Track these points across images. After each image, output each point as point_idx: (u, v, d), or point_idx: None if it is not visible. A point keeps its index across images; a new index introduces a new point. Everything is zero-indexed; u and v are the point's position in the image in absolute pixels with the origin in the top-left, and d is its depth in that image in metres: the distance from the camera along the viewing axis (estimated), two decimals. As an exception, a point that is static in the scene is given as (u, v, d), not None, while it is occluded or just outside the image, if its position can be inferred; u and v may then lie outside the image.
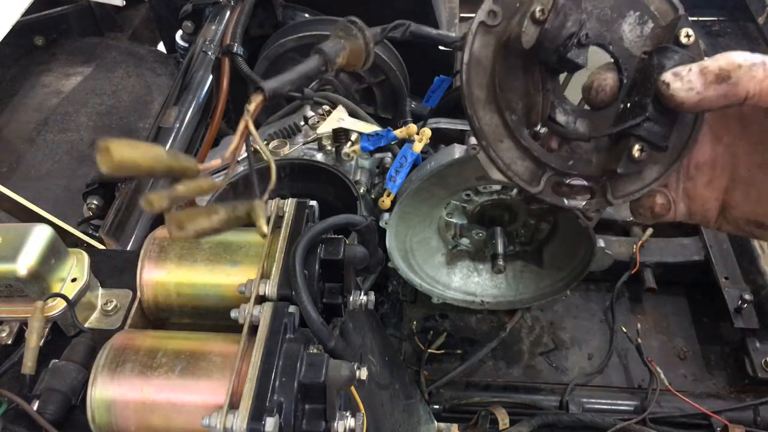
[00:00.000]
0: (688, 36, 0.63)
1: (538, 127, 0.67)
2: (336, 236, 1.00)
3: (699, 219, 0.71)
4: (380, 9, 2.16)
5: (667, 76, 0.60)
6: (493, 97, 0.67)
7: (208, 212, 0.78)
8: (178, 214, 0.76)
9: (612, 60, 0.66)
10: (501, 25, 0.66)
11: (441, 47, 0.96)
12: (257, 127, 1.97)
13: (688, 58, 0.62)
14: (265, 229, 0.74)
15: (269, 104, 0.81)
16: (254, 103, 0.79)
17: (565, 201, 0.70)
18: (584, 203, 0.70)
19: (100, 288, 1.05)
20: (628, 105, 0.65)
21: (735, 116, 0.65)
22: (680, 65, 0.61)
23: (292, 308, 0.88)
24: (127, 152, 0.69)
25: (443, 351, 1.93)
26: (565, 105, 0.67)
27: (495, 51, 0.67)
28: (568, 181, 0.69)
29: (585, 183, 0.69)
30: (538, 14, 0.61)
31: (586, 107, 0.68)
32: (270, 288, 0.90)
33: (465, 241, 1.74)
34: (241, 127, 0.77)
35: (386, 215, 1.58)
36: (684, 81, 0.59)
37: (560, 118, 0.67)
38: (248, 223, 0.76)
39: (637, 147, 0.64)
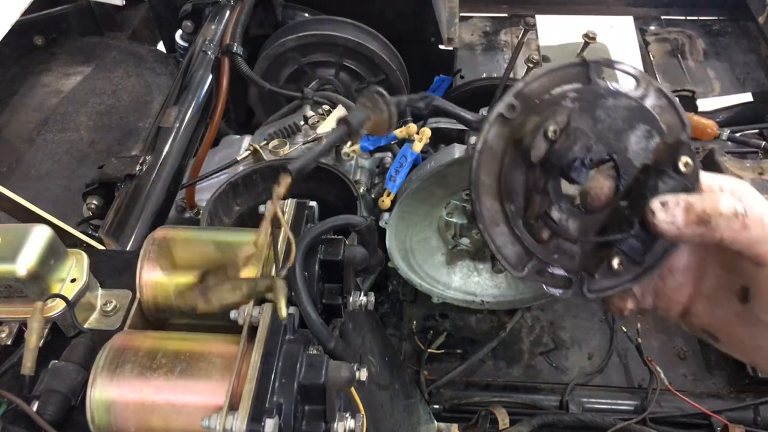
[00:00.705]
0: (686, 165, 0.65)
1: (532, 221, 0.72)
2: (336, 237, 1.00)
3: (662, 314, 0.76)
4: (380, 9, 2.17)
5: (655, 205, 0.64)
6: (497, 186, 0.72)
7: (233, 288, 0.89)
8: (206, 289, 0.89)
9: (611, 165, 0.70)
10: (518, 120, 0.70)
11: (460, 120, 1.03)
12: (257, 127, 1.97)
13: (682, 187, 0.65)
14: (284, 312, 0.83)
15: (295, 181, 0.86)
16: (283, 186, 0.87)
17: (544, 288, 0.75)
18: (561, 292, 0.74)
19: (100, 288, 1.05)
20: (618, 213, 0.70)
21: None
22: (672, 193, 0.65)
23: (291, 309, 0.87)
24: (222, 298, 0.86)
25: (443, 351, 1.93)
26: (562, 203, 0.71)
27: (506, 144, 0.71)
28: (550, 270, 0.74)
29: (565, 274, 0.74)
30: (550, 133, 0.66)
31: (580, 208, 0.73)
32: (270, 289, 0.90)
33: (465, 240, 1.74)
34: (270, 212, 0.87)
35: (386, 215, 1.58)
36: (668, 214, 0.63)
37: (555, 215, 0.71)
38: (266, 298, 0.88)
39: (617, 260, 0.69)
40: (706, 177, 0.66)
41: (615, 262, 0.69)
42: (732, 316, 0.69)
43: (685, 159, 0.66)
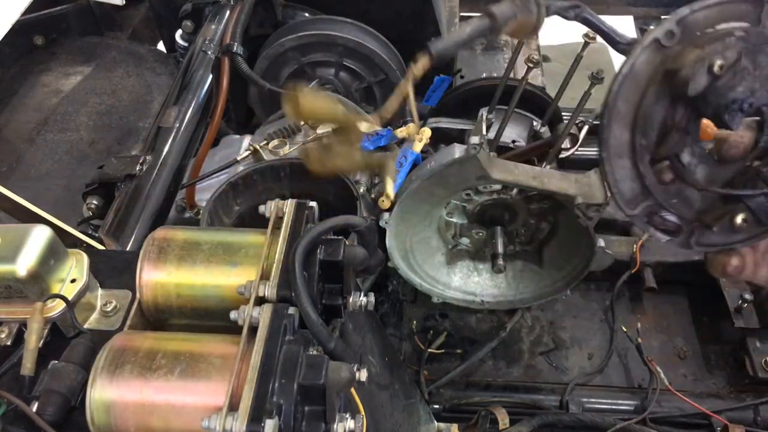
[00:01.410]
0: None
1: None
2: (336, 237, 1.00)
3: None
4: (380, 9, 2.16)
5: None
6: (632, 117, 0.67)
7: (347, 154, 0.91)
8: (320, 155, 0.90)
9: (758, 118, 0.65)
10: (674, 49, 0.65)
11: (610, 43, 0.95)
12: (257, 127, 1.97)
13: None
14: (390, 191, 0.83)
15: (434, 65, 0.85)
16: (420, 64, 0.86)
17: (651, 230, 0.71)
18: (668, 238, 0.72)
19: (100, 289, 1.05)
20: (752, 170, 0.65)
21: None
22: None
23: (291, 309, 0.88)
24: (310, 103, 0.83)
25: (443, 351, 1.93)
26: (695, 147, 0.67)
27: (654, 72, 0.65)
28: (663, 215, 0.71)
29: (677, 221, 0.70)
30: (716, 68, 0.61)
31: (713, 156, 0.67)
32: (269, 289, 0.90)
33: (465, 240, 1.74)
34: (401, 87, 0.89)
35: (386, 215, 1.58)
36: None
37: (685, 158, 0.67)
38: (376, 172, 0.88)
39: (741, 216, 0.65)
40: None
41: (739, 218, 0.65)
42: None
43: None
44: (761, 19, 0.63)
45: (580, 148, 1.77)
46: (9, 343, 0.97)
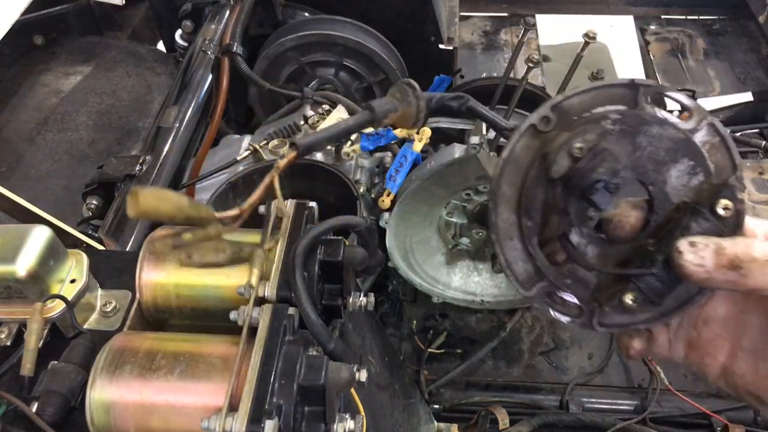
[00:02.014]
0: (725, 208, 0.61)
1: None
2: (335, 237, 1.00)
3: (696, 369, 0.70)
4: (380, 8, 2.16)
5: (683, 244, 0.59)
6: (517, 199, 0.69)
7: (216, 248, 0.86)
8: (190, 247, 0.84)
9: (644, 198, 0.65)
10: (551, 134, 0.66)
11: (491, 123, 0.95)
12: (257, 127, 1.97)
13: (717, 231, 0.60)
14: (255, 280, 0.85)
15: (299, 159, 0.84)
16: (287, 159, 0.84)
17: (551, 312, 0.70)
18: (569, 320, 0.70)
19: (99, 289, 1.05)
20: (643, 248, 0.65)
21: None
22: (703, 236, 0.60)
23: (291, 310, 0.87)
24: (152, 202, 0.75)
25: (443, 351, 1.93)
26: (583, 228, 0.67)
27: (534, 157, 0.67)
28: (560, 295, 0.70)
29: (576, 302, 0.70)
30: (575, 151, 0.62)
31: (602, 236, 0.68)
32: (269, 290, 0.90)
33: (465, 240, 1.74)
34: (266, 180, 0.83)
35: (386, 215, 1.58)
36: (696, 255, 0.58)
37: (574, 238, 0.67)
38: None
39: (630, 296, 0.64)
40: (751, 222, 0.61)
41: (628, 298, 0.65)
42: None
43: (724, 202, 0.61)
44: (638, 102, 0.64)
45: (580, 148, 1.77)
46: (8, 343, 0.97)
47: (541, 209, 0.68)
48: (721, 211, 0.61)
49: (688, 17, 3.04)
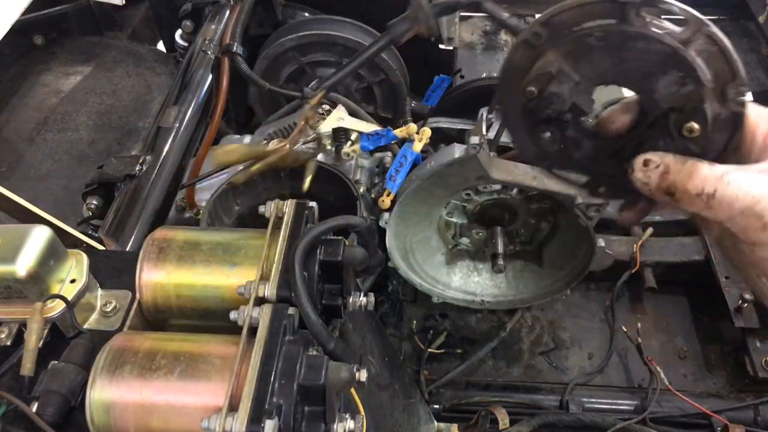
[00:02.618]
0: (690, 130, 0.65)
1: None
2: (335, 237, 1.00)
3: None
4: (380, 8, 2.16)
5: (637, 162, 0.66)
6: (519, 90, 0.75)
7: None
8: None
9: (637, 101, 0.71)
10: (543, 46, 0.71)
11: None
12: (257, 127, 1.97)
13: (683, 149, 0.66)
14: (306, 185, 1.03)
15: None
16: (317, 97, 1.15)
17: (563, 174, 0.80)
18: (578, 189, 0.79)
19: (100, 289, 1.05)
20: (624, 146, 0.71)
21: None
22: (664, 152, 0.66)
23: (291, 310, 0.88)
24: (223, 156, 1.14)
25: (443, 351, 1.93)
26: (578, 126, 0.75)
27: (531, 63, 0.73)
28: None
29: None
30: (528, 93, 0.72)
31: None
32: (269, 289, 0.90)
33: (465, 240, 1.74)
34: (301, 122, 1.17)
35: (386, 215, 1.58)
36: (645, 175, 0.65)
37: (570, 133, 0.75)
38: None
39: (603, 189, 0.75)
40: (755, 111, 0.65)
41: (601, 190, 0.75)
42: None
43: (690, 125, 0.65)
44: (626, 15, 0.67)
45: (580, 148, 1.77)
46: (9, 343, 0.97)
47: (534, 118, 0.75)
48: (686, 132, 0.65)
49: (688, 17, 3.03)
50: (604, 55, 0.68)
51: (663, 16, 0.67)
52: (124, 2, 2.96)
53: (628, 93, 0.72)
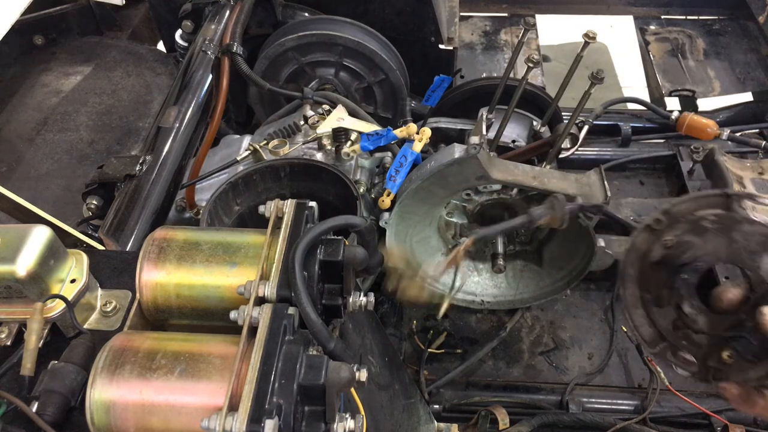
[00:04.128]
0: None
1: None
2: (335, 237, 1.00)
3: None
4: (380, 8, 2.17)
5: (765, 308, 0.77)
6: (638, 278, 0.92)
7: (419, 288, 1.34)
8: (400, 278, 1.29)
9: (746, 279, 0.84)
10: (663, 231, 0.88)
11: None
12: (257, 126, 1.97)
13: None
14: (441, 313, 1.18)
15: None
16: (468, 243, 1.24)
17: (673, 367, 0.93)
18: (688, 374, 0.91)
19: (100, 289, 1.05)
20: (741, 317, 0.83)
21: None
22: None
23: (291, 309, 0.87)
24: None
25: (443, 350, 1.93)
26: (693, 301, 0.89)
27: (650, 246, 0.90)
28: (680, 353, 0.91)
29: (692, 359, 0.90)
30: (667, 242, 0.87)
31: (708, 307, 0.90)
32: (269, 289, 0.90)
33: (464, 240, 1.74)
34: (451, 256, 1.25)
35: (386, 215, 1.58)
36: None
37: (686, 309, 0.88)
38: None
39: (727, 353, 0.84)
40: None
41: (725, 354, 0.83)
42: None
43: None
44: (731, 207, 0.84)
45: (580, 148, 1.77)
46: (9, 343, 0.97)
47: (656, 286, 0.90)
48: None
49: (688, 17, 3.04)
50: (716, 236, 0.83)
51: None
52: (124, 2, 2.96)
53: (628, 93, 0.77)
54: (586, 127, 1.77)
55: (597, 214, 1.29)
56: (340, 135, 1.69)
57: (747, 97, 2.54)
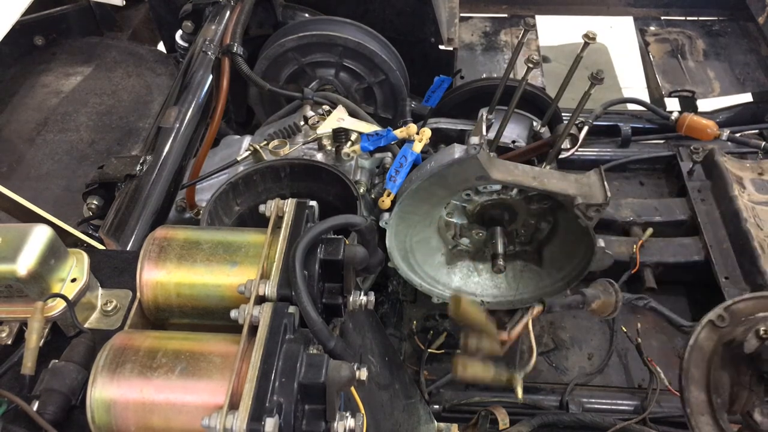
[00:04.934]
0: None
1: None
2: (336, 236, 1.00)
3: None
4: (380, 9, 2.17)
5: None
6: (705, 381, 0.89)
7: (484, 368, 1.23)
8: (464, 360, 1.23)
9: None
10: (726, 329, 0.87)
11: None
12: (257, 127, 1.97)
13: None
14: (520, 395, 1.17)
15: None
16: (536, 310, 1.27)
17: None
18: None
19: (100, 288, 1.05)
20: None
21: None
22: None
23: (291, 308, 0.88)
24: (467, 309, 1.20)
25: (443, 351, 1.93)
26: (765, 408, 0.85)
27: (715, 345, 0.88)
28: None
29: None
30: (762, 332, 0.82)
31: None
32: (270, 288, 0.90)
33: (465, 240, 1.74)
34: (524, 321, 1.26)
35: (386, 215, 1.58)
36: None
37: (757, 417, 0.84)
38: (505, 387, 1.28)
39: None
40: None
41: None
42: None
43: None
44: None
45: (580, 149, 1.77)
46: (9, 342, 0.97)
47: (728, 389, 0.87)
48: None
49: (688, 18, 3.04)
50: None
51: None
52: (124, 3, 2.96)
53: (627, 94, 0.75)
54: (585, 128, 1.77)
55: (644, 306, 1.32)
56: (340, 135, 1.69)
57: (747, 97, 2.54)
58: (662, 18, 3.05)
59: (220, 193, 1.52)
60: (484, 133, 1.63)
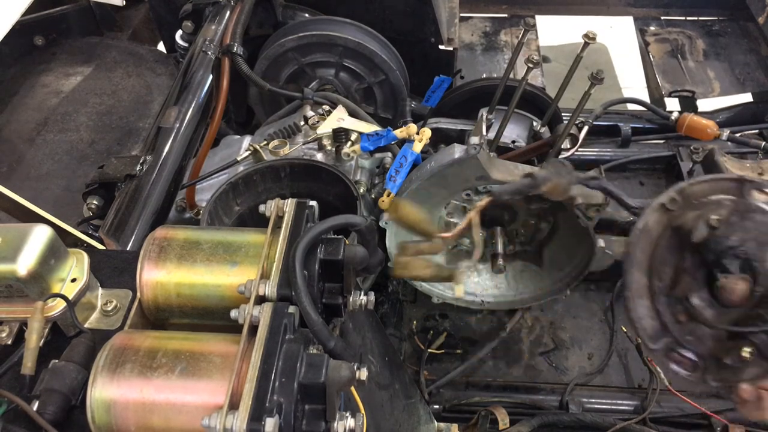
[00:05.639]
0: None
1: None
2: (336, 236, 1.00)
3: None
4: (380, 9, 2.17)
5: None
6: (648, 264, 0.86)
7: (423, 265, 1.17)
8: (405, 260, 1.17)
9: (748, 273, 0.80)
10: (676, 212, 0.84)
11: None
12: (257, 127, 1.97)
13: None
14: (460, 292, 1.11)
15: None
16: (483, 202, 1.16)
17: (672, 366, 0.87)
18: (687, 374, 0.87)
19: (100, 288, 1.05)
20: (753, 312, 0.80)
21: None
22: None
23: (291, 308, 0.88)
24: (408, 209, 1.14)
25: (443, 351, 1.93)
26: (702, 294, 0.84)
27: (664, 229, 0.85)
28: (681, 351, 0.86)
29: (694, 358, 0.86)
30: (713, 221, 0.80)
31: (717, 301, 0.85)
32: (270, 288, 0.90)
33: (465, 241, 1.74)
34: (469, 216, 1.16)
35: (386, 215, 1.58)
36: None
37: (695, 301, 0.84)
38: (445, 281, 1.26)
39: (747, 349, 0.79)
40: None
41: (745, 351, 0.78)
42: None
43: None
44: (743, 194, 0.81)
45: (580, 149, 1.77)
46: (9, 342, 0.97)
47: (670, 273, 0.84)
48: None
49: (688, 18, 3.04)
50: (733, 216, 0.79)
51: None
52: (124, 3, 2.96)
53: (627, 94, 0.76)
54: (585, 128, 1.77)
55: (594, 187, 1.19)
56: (340, 135, 1.69)
57: (747, 97, 2.54)
58: (662, 18, 3.05)
59: (220, 193, 1.52)
60: (484, 133, 1.63)
